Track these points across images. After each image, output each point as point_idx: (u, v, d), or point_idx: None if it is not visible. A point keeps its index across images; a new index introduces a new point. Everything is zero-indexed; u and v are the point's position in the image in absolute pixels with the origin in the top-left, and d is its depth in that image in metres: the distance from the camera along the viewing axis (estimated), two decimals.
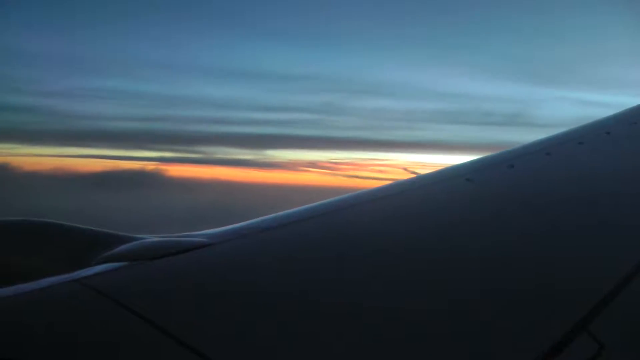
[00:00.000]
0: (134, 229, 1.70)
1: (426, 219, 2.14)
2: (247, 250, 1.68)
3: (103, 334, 1.19)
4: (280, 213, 1.97)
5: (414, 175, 2.83)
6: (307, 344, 1.27)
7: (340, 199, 2.23)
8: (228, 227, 1.79)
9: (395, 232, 1.97)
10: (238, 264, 1.59)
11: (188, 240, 1.63)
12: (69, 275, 1.37)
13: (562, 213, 2.36)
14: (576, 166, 3.10)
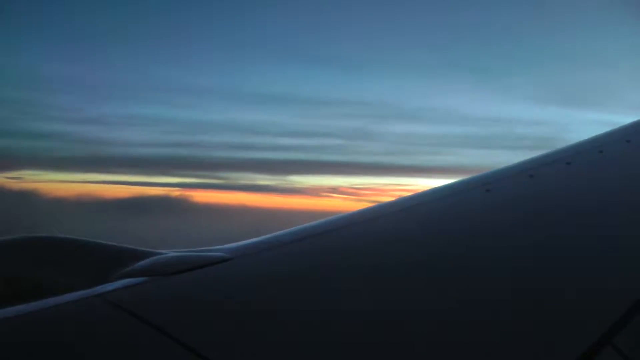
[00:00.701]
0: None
1: (445, 229, 2.10)
2: (267, 265, 1.65)
3: (123, 348, 1.18)
4: (300, 226, 1.95)
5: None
6: (329, 358, 1.23)
7: (360, 212, 2.20)
8: (247, 241, 1.77)
9: (415, 243, 1.93)
10: (258, 278, 1.57)
11: (208, 255, 1.61)
12: (89, 291, 1.36)
13: (585, 222, 2.29)
14: (597, 175, 3.02)
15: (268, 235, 1.85)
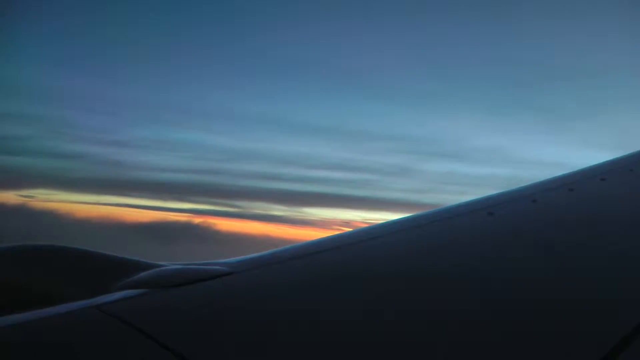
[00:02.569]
0: None
1: (446, 252, 2.04)
2: (268, 280, 1.61)
3: None
4: (303, 243, 1.91)
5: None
6: None
7: (364, 230, 2.16)
8: (247, 256, 1.74)
9: (416, 265, 1.88)
10: (259, 293, 1.53)
11: (209, 268, 1.58)
12: (88, 302, 1.33)
13: (586, 249, 2.22)
14: (599, 203, 2.96)
15: (268, 251, 1.81)
